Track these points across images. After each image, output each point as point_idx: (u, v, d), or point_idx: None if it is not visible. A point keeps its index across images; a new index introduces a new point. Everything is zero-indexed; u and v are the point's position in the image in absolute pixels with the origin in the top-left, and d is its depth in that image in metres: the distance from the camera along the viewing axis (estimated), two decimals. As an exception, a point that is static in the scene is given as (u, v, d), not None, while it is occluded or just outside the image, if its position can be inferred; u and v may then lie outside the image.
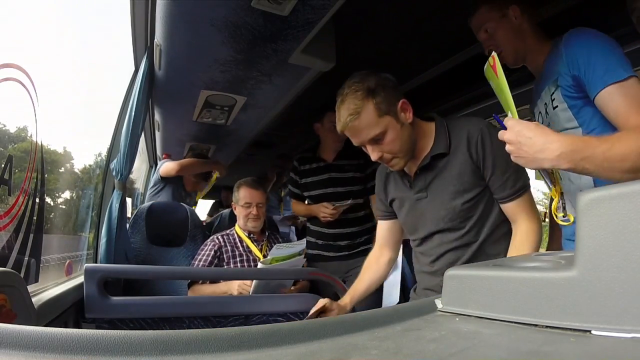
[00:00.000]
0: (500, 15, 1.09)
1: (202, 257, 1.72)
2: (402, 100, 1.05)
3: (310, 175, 2.01)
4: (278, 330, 0.31)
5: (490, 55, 0.84)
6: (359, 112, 1.00)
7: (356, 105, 1.00)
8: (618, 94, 0.84)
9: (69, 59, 1.81)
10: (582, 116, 0.94)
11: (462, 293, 0.38)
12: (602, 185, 0.99)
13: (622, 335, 0.26)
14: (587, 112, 0.93)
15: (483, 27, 1.13)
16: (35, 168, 1.15)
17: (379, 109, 1.01)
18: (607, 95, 0.85)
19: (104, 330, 0.28)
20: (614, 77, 0.85)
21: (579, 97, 0.94)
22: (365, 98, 1.00)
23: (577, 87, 0.93)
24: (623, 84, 0.84)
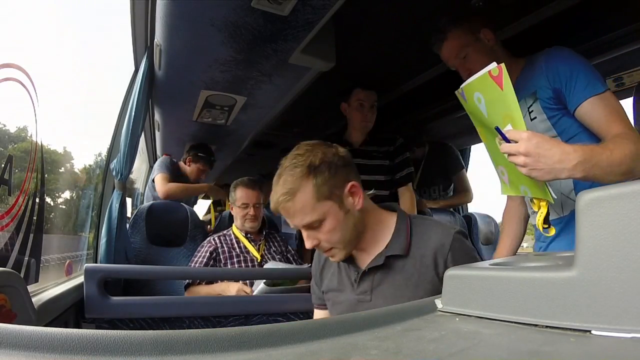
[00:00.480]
0: (474, 38, 1.11)
1: (198, 259, 1.72)
2: (351, 182, 0.88)
3: None
4: (278, 330, 0.31)
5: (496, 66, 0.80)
6: (294, 192, 0.83)
7: (292, 185, 0.84)
8: (599, 105, 0.92)
9: (69, 59, 1.81)
10: (561, 125, 1.00)
11: (462, 293, 0.38)
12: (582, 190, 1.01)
13: (622, 335, 0.26)
14: (565, 122, 1.00)
15: (457, 52, 1.12)
16: (35, 168, 1.15)
17: (319, 191, 0.84)
18: (589, 106, 0.93)
19: (104, 330, 0.28)
20: (594, 90, 0.93)
21: (558, 108, 0.99)
22: (304, 177, 0.84)
23: (557, 100, 0.99)
24: (602, 96, 0.93)
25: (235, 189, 1.88)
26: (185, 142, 2.60)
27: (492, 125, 0.84)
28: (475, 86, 0.85)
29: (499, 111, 0.83)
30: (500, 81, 0.79)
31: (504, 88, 0.79)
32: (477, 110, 0.88)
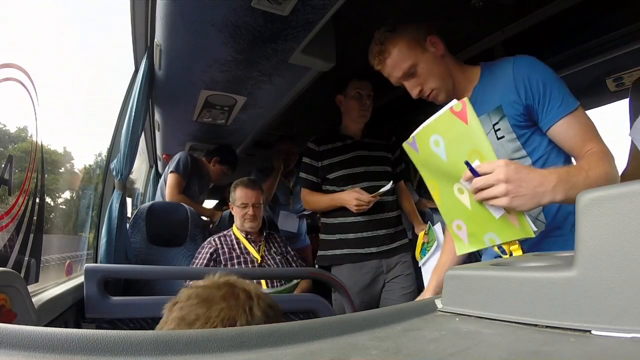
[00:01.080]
0: (421, 50, 1.02)
1: (199, 261, 1.72)
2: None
3: (334, 155, 1.75)
4: (278, 330, 0.31)
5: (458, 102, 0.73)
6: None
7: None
8: (573, 124, 0.88)
9: (69, 59, 1.81)
10: (530, 145, 0.94)
11: (462, 293, 0.38)
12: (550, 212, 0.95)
13: (622, 335, 0.26)
14: (534, 140, 0.94)
15: (402, 67, 1.02)
16: (35, 168, 1.15)
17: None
18: (565, 125, 0.89)
19: (104, 330, 0.28)
20: (568, 107, 0.88)
21: (528, 125, 0.93)
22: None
23: (527, 116, 0.92)
24: (576, 113, 0.89)
25: (234, 189, 1.88)
26: (185, 142, 2.60)
27: (454, 168, 0.76)
28: (433, 128, 0.77)
29: (463, 149, 0.75)
30: (464, 116, 0.72)
31: (469, 122, 0.72)
32: (432, 158, 0.79)
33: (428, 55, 1.02)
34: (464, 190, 0.77)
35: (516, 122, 0.93)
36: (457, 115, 0.73)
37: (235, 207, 1.84)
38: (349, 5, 1.14)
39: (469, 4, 1.36)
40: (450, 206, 0.82)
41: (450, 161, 0.76)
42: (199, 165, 2.44)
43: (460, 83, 1.04)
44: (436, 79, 1.01)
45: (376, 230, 1.67)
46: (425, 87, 1.02)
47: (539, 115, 0.91)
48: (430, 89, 1.02)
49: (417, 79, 1.02)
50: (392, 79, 1.06)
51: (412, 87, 1.04)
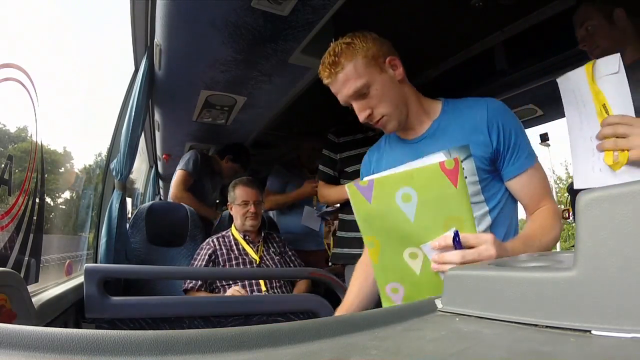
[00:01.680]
0: (379, 70, 0.92)
1: (198, 262, 1.72)
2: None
3: (354, 148, 1.66)
4: (278, 330, 0.31)
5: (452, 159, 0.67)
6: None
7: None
8: (535, 177, 0.90)
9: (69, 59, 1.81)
10: (489, 191, 0.91)
11: (462, 293, 0.38)
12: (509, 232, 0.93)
13: (622, 335, 0.26)
14: (494, 187, 0.91)
15: (356, 87, 0.90)
16: (35, 168, 1.15)
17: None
18: (527, 178, 0.89)
19: (104, 330, 0.28)
20: (532, 160, 0.89)
21: (490, 170, 0.90)
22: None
23: (491, 161, 0.90)
24: (536, 166, 0.90)
25: (234, 188, 1.88)
26: (185, 142, 2.60)
27: (419, 231, 0.68)
28: (408, 180, 0.67)
29: (440, 213, 0.67)
30: (454, 176, 0.65)
31: (458, 185, 0.65)
32: (390, 214, 0.69)
33: (385, 77, 0.92)
34: (419, 255, 0.69)
35: (481, 165, 0.88)
36: (447, 173, 0.65)
37: (236, 205, 1.84)
38: (349, 5, 1.14)
39: (469, 4, 1.36)
40: (391, 268, 0.73)
41: (417, 223, 0.67)
42: (211, 163, 2.43)
43: (416, 114, 0.97)
44: (389, 105, 0.92)
45: None
46: (376, 112, 0.93)
47: (504, 163, 0.89)
48: (381, 114, 0.93)
49: (368, 100, 0.92)
50: (340, 97, 0.94)
51: (361, 109, 0.93)
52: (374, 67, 0.91)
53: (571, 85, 0.79)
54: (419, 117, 0.97)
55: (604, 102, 0.74)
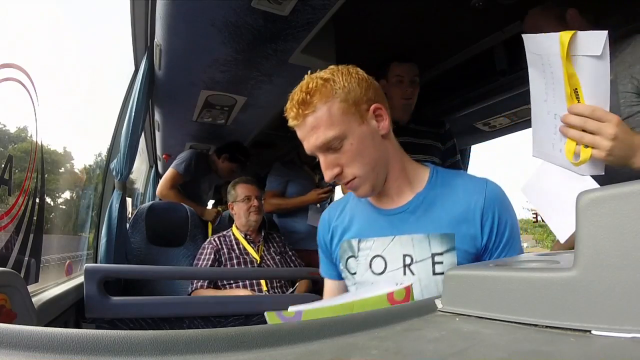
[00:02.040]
0: (358, 119, 0.74)
1: (203, 262, 1.72)
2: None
3: None
4: (278, 330, 0.31)
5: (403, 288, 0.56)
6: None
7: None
8: None
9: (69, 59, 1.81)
10: None
11: (462, 293, 0.38)
12: None
13: (622, 335, 0.26)
14: None
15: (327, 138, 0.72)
16: (35, 168, 1.15)
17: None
18: None
19: (104, 330, 0.28)
20: None
21: None
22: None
23: (477, 257, 0.76)
24: None
25: (234, 186, 1.89)
26: (185, 142, 2.60)
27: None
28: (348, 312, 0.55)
29: None
30: None
31: None
32: None
33: (365, 129, 0.74)
34: None
35: (463, 261, 0.74)
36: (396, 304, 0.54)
37: (238, 203, 1.85)
38: (349, 5, 1.14)
39: (469, 4, 1.36)
40: None
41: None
42: (208, 162, 2.43)
43: (396, 180, 0.79)
44: (365, 165, 0.74)
45: None
46: (347, 171, 0.74)
47: (489, 258, 0.76)
48: (353, 175, 0.75)
49: (339, 156, 0.74)
50: (305, 144, 0.75)
51: (329, 165, 0.74)
52: (354, 115, 0.73)
53: (539, 50, 0.69)
54: (399, 185, 0.80)
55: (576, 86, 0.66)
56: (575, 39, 0.63)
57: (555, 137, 0.72)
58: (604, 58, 0.62)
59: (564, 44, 0.64)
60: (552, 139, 0.73)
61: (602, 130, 0.65)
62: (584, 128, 0.66)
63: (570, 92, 0.66)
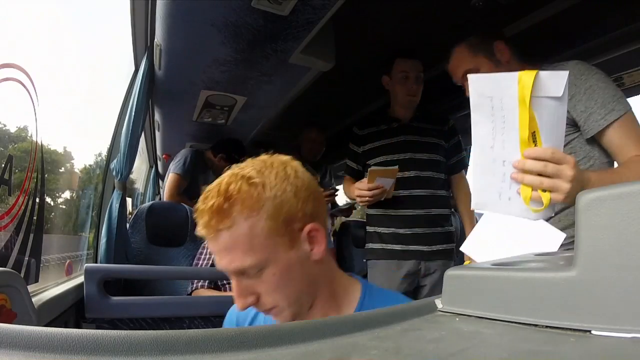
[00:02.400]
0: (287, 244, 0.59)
1: (202, 262, 1.72)
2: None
3: (377, 139, 1.58)
4: (278, 330, 0.31)
5: None
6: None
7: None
8: None
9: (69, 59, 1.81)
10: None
11: (462, 293, 0.38)
12: None
13: (622, 335, 0.26)
14: None
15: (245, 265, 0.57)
16: (35, 168, 1.15)
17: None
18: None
19: (104, 330, 0.28)
20: None
21: None
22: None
23: None
24: None
25: None
26: (185, 142, 2.60)
27: None
28: None
29: None
30: None
31: None
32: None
33: (293, 256, 0.59)
34: None
35: None
36: None
37: None
38: (349, 5, 1.14)
39: (469, 4, 1.36)
40: None
41: None
42: (204, 160, 2.41)
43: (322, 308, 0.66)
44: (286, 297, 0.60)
45: (416, 228, 1.48)
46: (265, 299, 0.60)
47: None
48: (271, 305, 0.60)
49: (256, 283, 0.59)
50: (217, 260, 0.59)
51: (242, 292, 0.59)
52: (282, 237, 0.58)
53: (490, 92, 0.64)
54: (325, 312, 0.66)
55: (535, 129, 0.63)
56: (538, 80, 0.60)
57: (503, 185, 0.67)
58: (563, 99, 0.61)
59: (526, 85, 0.60)
60: (499, 187, 0.68)
61: (562, 173, 0.64)
62: (544, 172, 0.64)
63: (527, 136, 0.63)
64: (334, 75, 1.59)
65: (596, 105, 0.87)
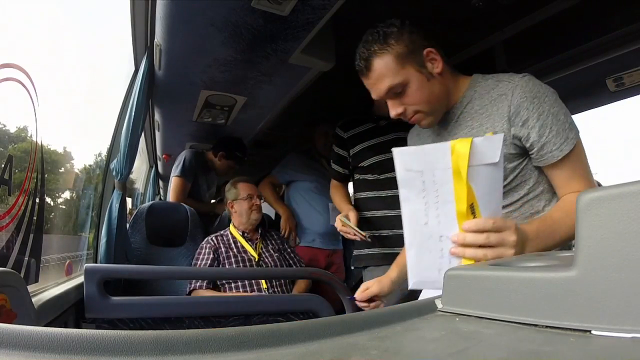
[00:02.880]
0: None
1: (202, 262, 1.72)
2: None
3: (365, 139, 1.51)
4: (278, 330, 0.31)
5: None
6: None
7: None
8: None
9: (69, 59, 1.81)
10: None
11: (462, 293, 0.38)
12: None
13: (622, 335, 0.26)
14: None
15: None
16: (35, 168, 1.15)
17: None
18: None
19: (104, 330, 0.28)
20: None
21: None
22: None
23: None
24: None
25: (235, 186, 1.89)
26: (185, 142, 2.60)
27: None
28: None
29: None
30: None
31: None
32: None
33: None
34: None
35: None
36: None
37: (240, 201, 1.85)
38: (349, 5, 1.14)
39: (469, 4, 1.36)
40: None
41: None
42: (205, 160, 2.42)
43: None
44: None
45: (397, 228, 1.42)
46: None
47: None
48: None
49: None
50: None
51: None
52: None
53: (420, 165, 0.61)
54: None
55: (472, 201, 0.60)
56: (474, 148, 0.57)
57: (442, 261, 0.64)
58: (500, 164, 0.58)
59: (461, 156, 0.57)
60: (438, 264, 0.64)
61: (505, 240, 0.62)
62: (486, 244, 0.61)
63: (465, 209, 0.60)
64: (334, 75, 1.59)
65: (551, 133, 0.79)
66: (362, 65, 0.92)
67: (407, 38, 0.90)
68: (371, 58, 0.90)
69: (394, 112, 0.92)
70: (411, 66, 0.88)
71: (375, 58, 0.89)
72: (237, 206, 1.87)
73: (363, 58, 0.91)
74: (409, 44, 0.89)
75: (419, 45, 0.90)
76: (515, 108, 0.83)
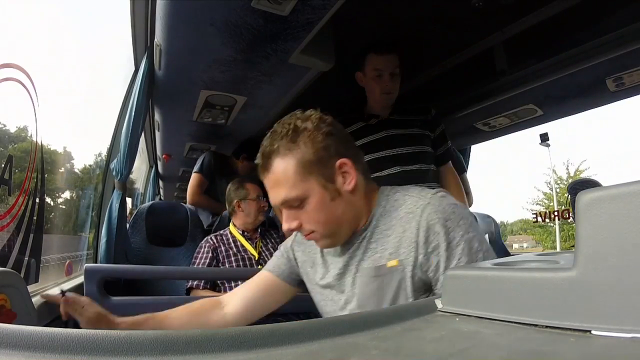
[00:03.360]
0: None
1: (201, 261, 1.72)
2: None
3: (357, 138, 1.48)
4: (278, 330, 0.31)
5: None
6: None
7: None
8: None
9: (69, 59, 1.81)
10: None
11: (462, 293, 0.38)
12: None
13: (622, 335, 0.26)
14: None
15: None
16: (35, 168, 1.15)
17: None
18: None
19: (104, 330, 0.28)
20: None
21: None
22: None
23: None
24: None
25: (243, 185, 1.88)
26: (185, 142, 2.60)
27: None
28: None
29: None
30: None
31: None
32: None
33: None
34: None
35: None
36: None
37: (249, 201, 1.83)
38: (349, 5, 1.14)
39: (469, 4, 1.36)
40: None
41: None
42: (226, 164, 2.44)
43: None
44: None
45: None
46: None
47: None
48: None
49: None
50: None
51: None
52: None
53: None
54: None
55: None
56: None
57: None
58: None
59: None
60: None
61: None
62: None
63: None
64: (334, 75, 1.59)
65: None
66: (261, 161, 0.76)
67: (322, 142, 0.73)
68: (272, 156, 0.73)
69: (286, 226, 0.76)
70: (315, 179, 0.72)
71: (276, 157, 0.73)
72: (246, 205, 1.86)
73: (264, 153, 0.75)
74: (321, 150, 0.73)
75: (333, 154, 0.74)
76: (424, 232, 0.70)
